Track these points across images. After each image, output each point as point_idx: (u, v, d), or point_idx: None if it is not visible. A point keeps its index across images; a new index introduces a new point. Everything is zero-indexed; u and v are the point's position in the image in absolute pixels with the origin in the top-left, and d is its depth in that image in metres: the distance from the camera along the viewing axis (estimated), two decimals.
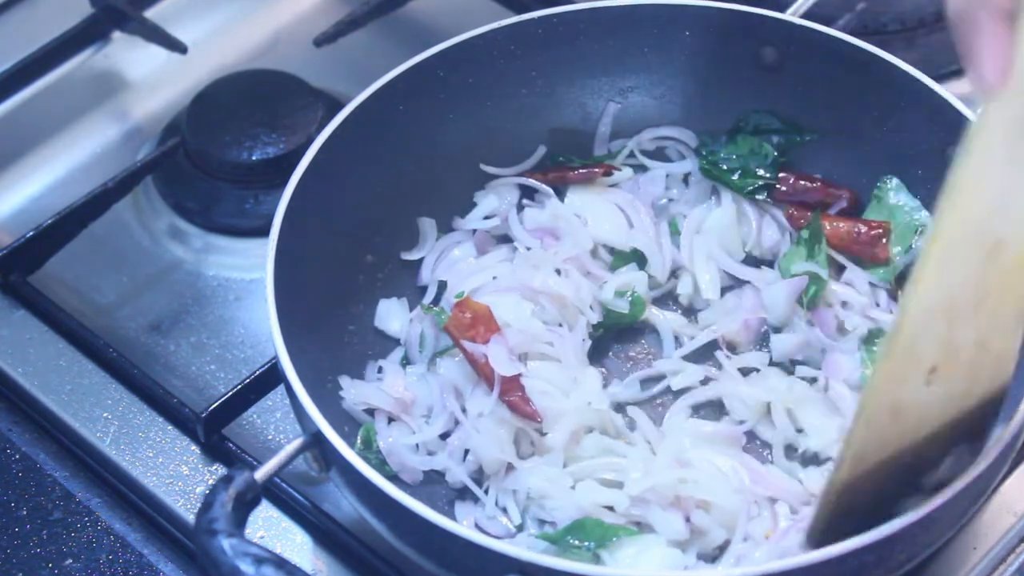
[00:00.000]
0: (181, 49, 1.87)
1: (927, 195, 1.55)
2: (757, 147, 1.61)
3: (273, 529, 1.46)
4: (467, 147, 1.62)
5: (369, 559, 1.42)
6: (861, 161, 1.60)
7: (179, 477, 1.50)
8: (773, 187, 1.60)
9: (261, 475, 1.29)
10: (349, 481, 1.32)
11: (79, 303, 1.66)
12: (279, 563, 1.20)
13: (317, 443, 1.32)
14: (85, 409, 1.55)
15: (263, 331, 1.60)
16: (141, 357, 1.60)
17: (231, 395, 1.51)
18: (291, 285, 1.41)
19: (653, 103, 1.65)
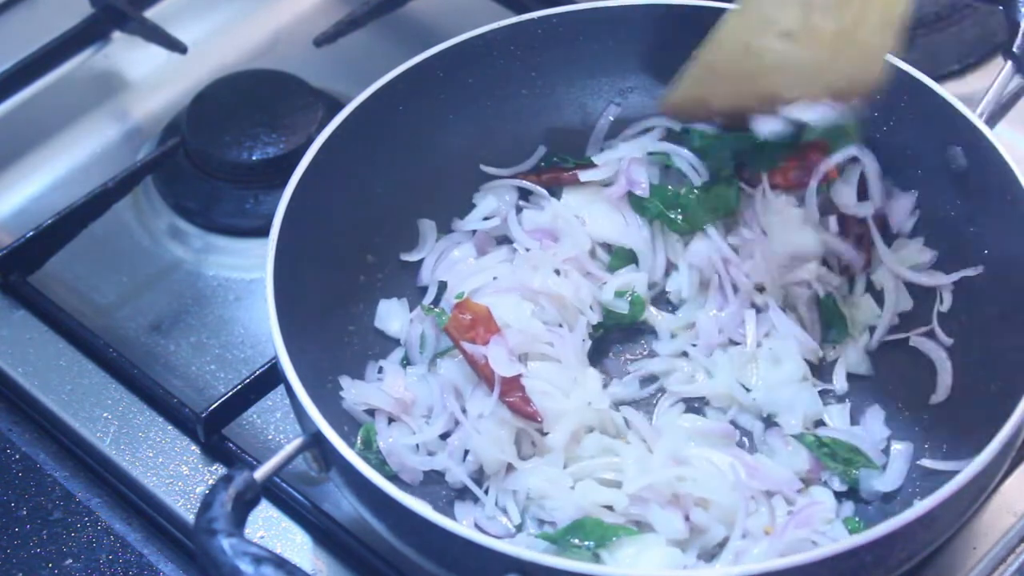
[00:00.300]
0: (181, 49, 1.87)
1: (927, 195, 1.55)
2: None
3: (273, 529, 1.46)
4: (467, 147, 1.62)
5: (369, 559, 1.42)
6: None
7: (179, 477, 1.50)
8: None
9: (261, 475, 1.28)
10: (349, 481, 1.32)
11: (79, 303, 1.66)
12: (279, 563, 1.20)
13: (317, 443, 1.32)
14: (85, 409, 1.55)
15: (263, 331, 1.60)
16: (141, 357, 1.60)
17: (231, 395, 1.51)
18: (291, 285, 1.41)
19: (653, 103, 1.65)
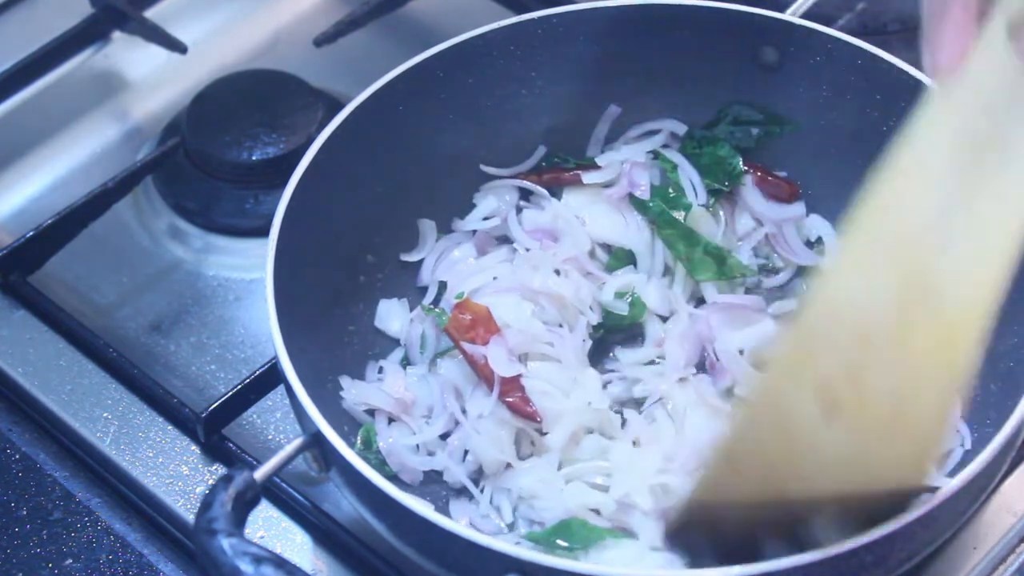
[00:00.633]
0: (181, 49, 1.87)
1: None
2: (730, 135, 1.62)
3: (273, 529, 1.46)
4: (467, 147, 1.62)
5: (369, 559, 1.42)
6: (861, 161, 1.59)
7: (179, 477, 1.50)
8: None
9: (261, 475, 1.28)
10: (349, 481, 1.32)
11: (79, 303, 1.66)
12: (279, 563, 1.20)
13: (317, 443, 1.32)
14: (85, 409, 1.55)
15: (263, 331, 1.60)
16: (141, 357, 1.60)
17: (231, 395, 1.51)
18: (291, 285, 1.41)
19: (653, 103, 1.65)
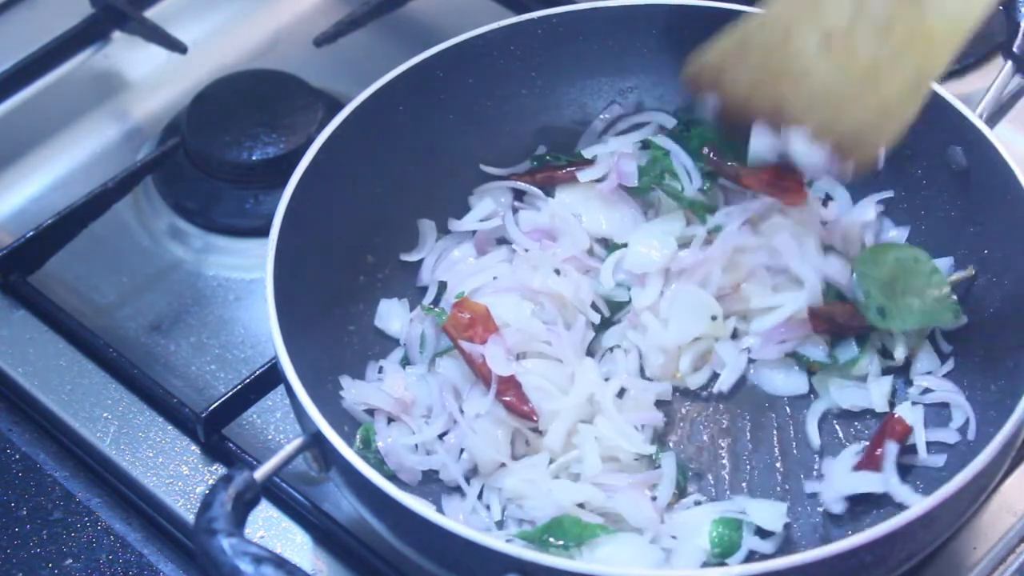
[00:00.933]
0: (181, 49, 1.87)
1: (927, 195, 1.55)
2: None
3: (273, 529, 1.46)
4: (467, 147, 1.62)
5: (369, 559, 1.42)
6: None
7: (179, 477, 1.50)
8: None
9: (261, 475, 1.28)
10: (349, 481, 1.32)
11: (79, 303, 1.66)
12: (279, 563, 1.20)
13: (317, 443, 1.32)
14: (85, 409, 1.55)
15: (263, 331, 1.60)
16: (141, 357, 1.60)
17: (231, 395, 1.51)
18: (291, 285, 1.41)
19: (653, 103, 1.65)
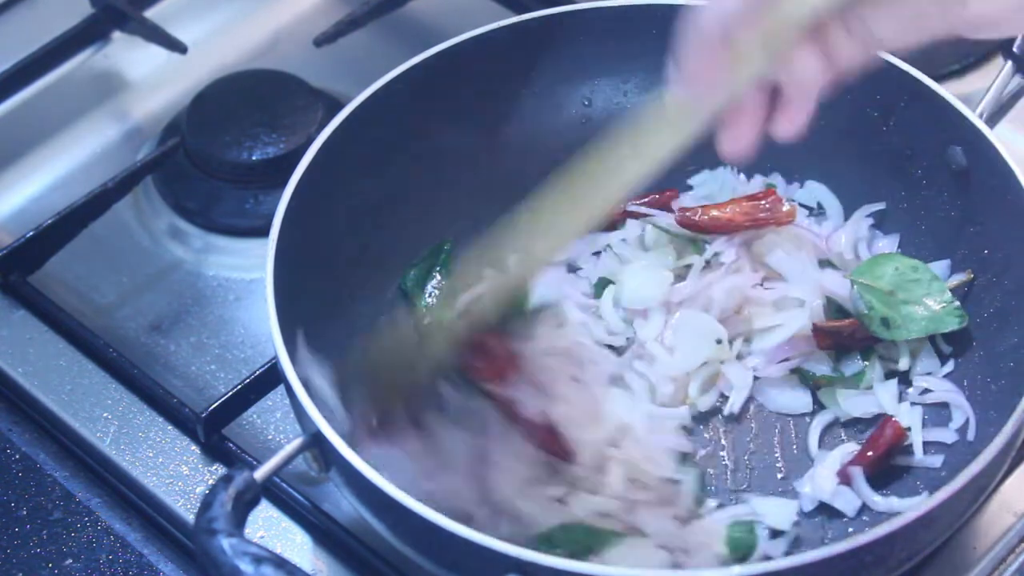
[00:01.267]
0: (181, 49, 1.87)
1: (926, 195, 1.55)
2: None
3: (273, 529, 1.46)
4: (467, 147, 1.62)
5: (369, 559, 1.42)
6: (861, 161, 1.60)
7: (179, 477, 1.50)
8: None
9: (261, 475, 1.28)
10: (349, 481, 1.32)
11: (79, 303, 1.66)
12: (279, 563, 1.20)
13: (317, 443, 1.32)
14: (85, 409, 1.55)
15: (263, 331, 1.60)
16: (141, 357, 1.60)
17: (231, 395, 1.51)
18: (291, 285, 1.41)
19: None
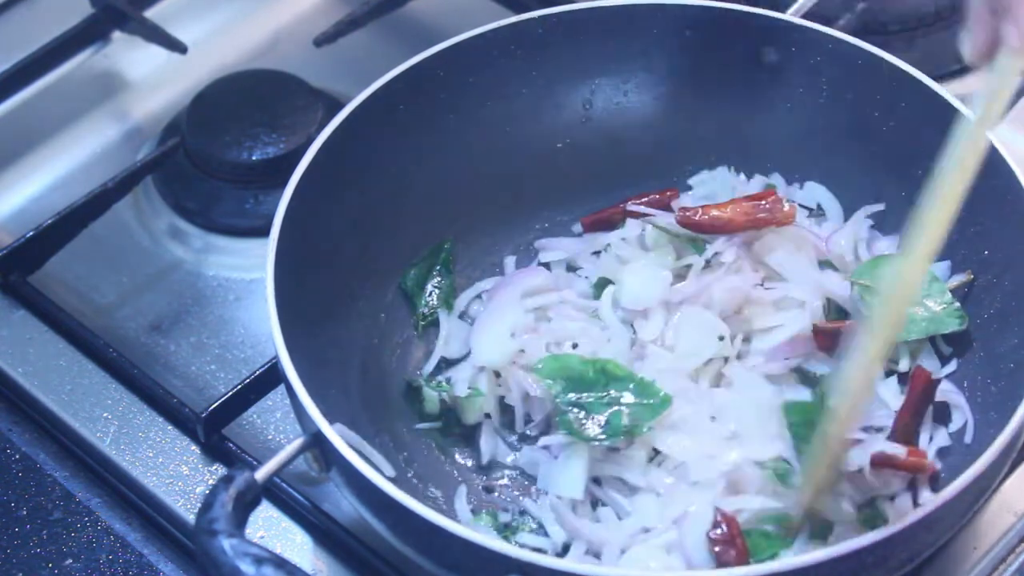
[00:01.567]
0: (181, 49, 1.87)
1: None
2: None
3: (273, 529, 1.46)
4: (467, 147, 1.62)
5: (369, 559, 1.42)
6: (861, 161, 1.60)
7: (179, 477, 1.50)
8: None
9: (261, 475, 1.29)
10: (349, 481, 1.32)
11: (79, 303, 1.66)
12: (279, 563, 1.20)
13: (317, 443, 1.32)
14: (85, 409, 1.55)
15: (263, 331, 1.60)
16: (141, 357, 1.60)
17: (231, 395, 1.51)
18: (291, 285, 1.41)
19: (653, 103, 1.65)
